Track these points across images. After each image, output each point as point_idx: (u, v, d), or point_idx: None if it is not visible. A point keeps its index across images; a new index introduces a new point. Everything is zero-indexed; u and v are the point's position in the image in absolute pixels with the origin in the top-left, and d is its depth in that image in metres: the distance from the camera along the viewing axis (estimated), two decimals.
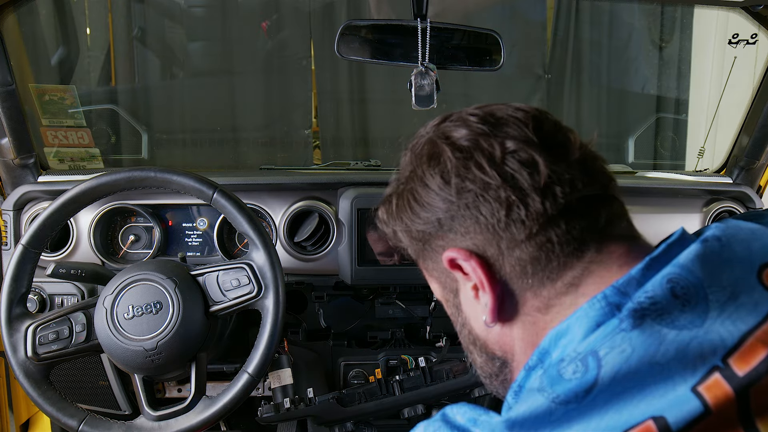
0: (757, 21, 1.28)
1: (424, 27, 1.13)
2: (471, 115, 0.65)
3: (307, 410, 1.26)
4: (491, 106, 0.66)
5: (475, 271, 0.62)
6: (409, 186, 0.66)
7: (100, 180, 1.11)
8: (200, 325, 1.09)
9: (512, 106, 0.66)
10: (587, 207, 0.60)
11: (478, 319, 0.66)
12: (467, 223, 0.62)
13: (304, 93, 2.92)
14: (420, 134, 0.69)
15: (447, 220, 0.63)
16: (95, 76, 2.85)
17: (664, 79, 2.99)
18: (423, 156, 0.66)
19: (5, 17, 1.27)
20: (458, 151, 0.62)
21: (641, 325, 0.52)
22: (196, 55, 2.98)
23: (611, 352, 0.51)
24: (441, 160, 0.63)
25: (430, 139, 0.66)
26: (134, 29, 2.84)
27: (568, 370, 0.52)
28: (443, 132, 0.65)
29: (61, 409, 1.08)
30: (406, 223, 0.67)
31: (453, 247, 0.64)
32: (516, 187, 0.59)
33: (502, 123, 0.63)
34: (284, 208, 1.38)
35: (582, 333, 0.55)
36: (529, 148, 0.61)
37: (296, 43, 2.87)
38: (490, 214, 0.60)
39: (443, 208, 0.63)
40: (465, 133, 0.63)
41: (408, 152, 0.69)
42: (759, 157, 1.45)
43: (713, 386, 0.48)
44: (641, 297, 0.54)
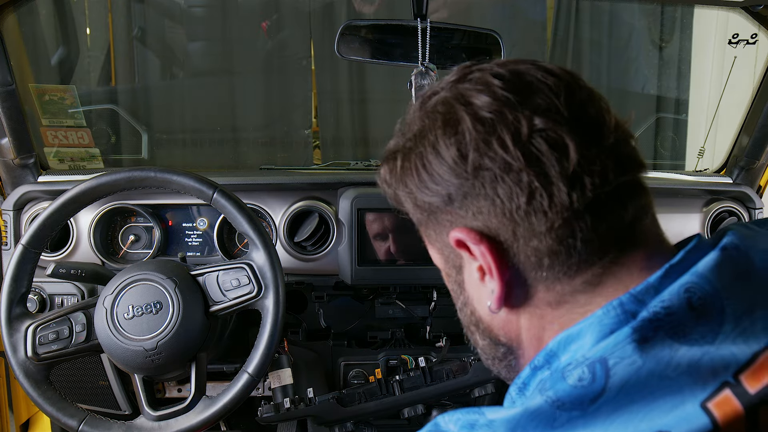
0: (757, 21, 1.28)
1: (424, 27, 1.14)
2: (495, 77, 0.57)
3: (307, 410, 1.26)
4: (518, 64, 0.59)
5: (485, 256, 0.57)
6: (418, 149, 0.59)
7: (100, 180, 1.11)
8: (200, 325, 1.09)
9: (542, 67, 0.59)
10: (616, 200, 0.55)
11: (481, 301, 0.62)
12: (481, 203, 0.56)
13: (304, 93, 2.92)
14: (434, 89, 0.61)
15: (459, 196, 0.57)
16: (95, 76, 2.85)
17: (664, 79, 2.99)
18: (437, 118, 0.58)
19: (5, 17, 1.27)
20: (480, 123, 0.55)
21: (654, 337, 0.49)
22: (196, 55, 2.98)
23: (621, 362, 0.49)
24: (459, 129, 0.56)
25: (446, 100, 0.58)
26: (134, 29, 2.84)
27: (573, 375, 0.50)
28: (463, 95, 0.57)
29: (61, 409, 1.08)
30: (412, 189, 0.61)
31: (462, 226, 0.58)
32: (541, 173, 0.53)
33: (530, 90, 0.56)
34: (284, 208, 1.38)
35: (593, 339, 0.52)
36: (560, 126, 0.54)
37: (296, 43, 2.87)
38: (508, 198, 0.54)
39: (456, 183, 0.56)
40: (488, 102, 0.55)
41: (418, 105, 0.62)
42: (759, 157, 1.45)
43: (723, 403, 0.47)
44: (657, 306, 0.51)
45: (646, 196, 0.58)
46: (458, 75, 0.60)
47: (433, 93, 0.61)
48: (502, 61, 0.60)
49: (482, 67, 0.59)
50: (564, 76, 0.58)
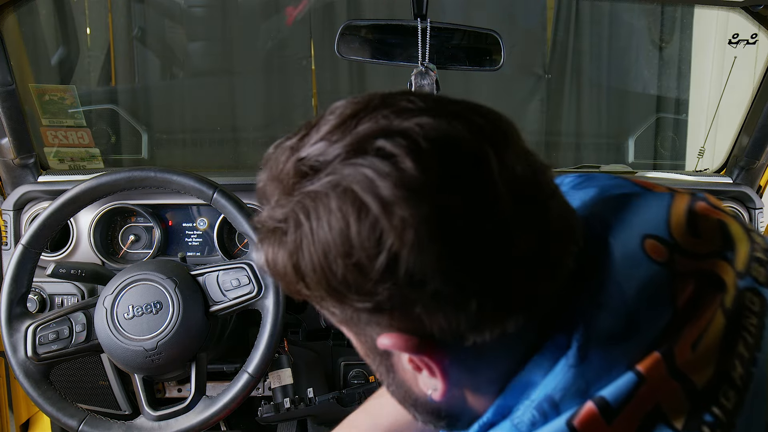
0: (757, 21, 1.28)
1: (424, 27, 1.13)
2: (409, 153, 0.43)
3: (307, 410, 1.26)
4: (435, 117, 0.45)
5: (425, 363, 0.49)
6: (312, 238, 0.44)
7: (100, 180, 1.11)
8: (200, 325, 1.09)
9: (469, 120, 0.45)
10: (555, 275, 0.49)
11: (419, 387, 0.54)
12: (418, 310, 0.45)
13: (304, 93, 2.92)
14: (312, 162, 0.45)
15: (387, 306, 0.45)
16: (95, 76, 2.85)
17: (664, 79, 2.99)
18: (332, 209, 0.43)
19: (5, 17, 1.27)
20: (404, 227, 0.42)
21: (587, 355, 0.48)
22: (196, 55, 2.98)
23: (567, 393, 0.48)
24: (378, 232, 0.42)
25: (344, 185, 0.43)
26: (134, 29, 2.84)
27: (524, 420, 0.49)
28: (368, 179, 0.43)
29: (61, 409, 1.08)
30: (318, 298, 0.47)
31: (395, 331, 0.47)
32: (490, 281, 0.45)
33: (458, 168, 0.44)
34: None
35: (539, 379, 0.50)
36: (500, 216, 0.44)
37: (296, 43, 2.87)
38: (453, 308, 0.45)
39: (385, 296, 0.44)
40: (406, 198, 0.42)
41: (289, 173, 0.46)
42: (759, 157, 1.45)
43: (648, 360, 0.48)
44: (580, 326, 0.50)
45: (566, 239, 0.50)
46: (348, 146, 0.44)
47: (313, 168, 0.45)
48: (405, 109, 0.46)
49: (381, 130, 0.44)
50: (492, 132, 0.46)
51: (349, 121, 0.46)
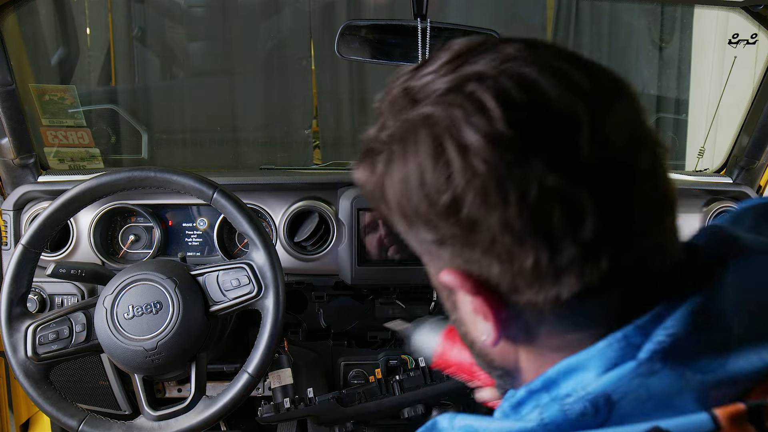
0: (757, 21, 1.28)
1: (424, 27, 1.13)
2: (498, 99, 0.43)
3: (307, 410, 1.26)
4: (532, 68, 0.45)
5: (479, 305, 0.49)
6: (403, 170, 0.47)
7: (100, 180, 1.11)
8: (200, 325, 1.09)
9: (567, 75, 0.45)
10: (636, 267, 0.47)
11: (476, 330, 0.55)
12: (478, 254, 0.47)
13: (304, 93, 2.92)
14: (417, 93, 0.48)
15: (450, 242, 0.48)
16: (95, 76, 2.85)
17: (664, 79, 2.99)
18: (424, 143, 0.46)
19: (5, 17, 1.27)
20: (475, 175, 0.44)
21: (662, 370, 0.45)
22: (196, 55, 2.98)
23: (625, 398, 0.45)
24: (452, 175, 0.45)
25: (433, 121, 0.46)
26: (134, 29, 2.84)
27: (574, 409, 0.46)
28: (453, 123, 0.44)
29: (61, 409, 1.08)
30: (396, 221, 0.51)
31: (453, 268, 0.49)
32: (549, 238, 0.44)
33: (543, 123, 0.43)
34: (284, 208, 1.38)
35: (596, 373, 0.47)
36: (577, 184, 0.43)
37: (296, 43, 2.87)
38: (509, 259, 0.45)
39: (449, 230, 0.46)
40: (483, 147, 0.43)
41: (401, 101, 0.49)
42: (759, 157, 1.45)
43: (730, 409, 0.44)
44: (661, 335, 0.46)
45: (673, 236, 0.50)
46: (448, 82, 0.46)
47: (416, 99, 0.48)
48: (510, 56, 0.46)
49: (480, 73, 0.45)
50: (587, 88, 0.45)
51: (457, 59, 0.47)
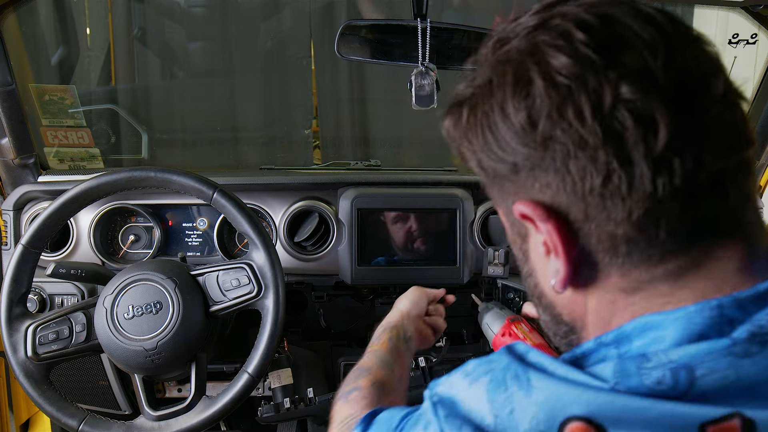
0: (757, 21, 1.28)
1: (424, 27, 1.13)
2: (579, 27, 0.47)
3: (307, 410, 1.26)
4: (612, 6, 0.49)
5: (551, 235, 0.50)
6: (485, 105, 0.51)
7: (100, 180, 1.11)
8: (200, 325, 1.09)
9: (642, 12, 0.49)
10: (713, 187, 0.47)
11: (546, 277, 0.55)
12: (551, 177, 0.49)
13: (304, 93, 2.92)
14: (507, 33, 0.52)
15: (526, 166, 0.50)
16: (95, 76, 2.85)
17: None
18: (507, 73, 0.50)
19: (5, 17, 1.27)
20: (554, 89, 0.47)
21: (759, 354, 0.43)
22: (196, 55, 2.98)
23: (711, 374, 0.43)
24: (530, 92, 0.48)
25: (519, 52, 0.50)
26: (134, 29, 2.84)
27: (651, 376, 0.44)
28: (540, 49, 0.49)
29: (61, 409, 1.08)
30: (476, 149, 0.53)
31: (528, 199, 0.51)
32: (622, 152, 0.45)
33: (621, 46, 0.47)
34: (284, 208, 1.38)
35: (677, 336, 0.46)
36: (651, 97, 0.45)
37: (296, 43, 2.87)
38: (581, 177, 0.47)
39: (524, 152, 0.49)
40: (567, 63, 0.47)
41: (490, 49, 0.53)
42: (759, 157, 1.45)
43: None
44: (763, 319, 0.45)
45: (751, 181, 0.50)
46: (537, 19, 0.51)
47: (506, 38, 0.52)
48: (595, 2, 0.50)
49: (566, 12, 0.49)
50: (667, 27, 0.48)
51: (546, 8, 0.51)
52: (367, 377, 0.89)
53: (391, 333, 1.02)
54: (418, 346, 1.08)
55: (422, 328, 1.09)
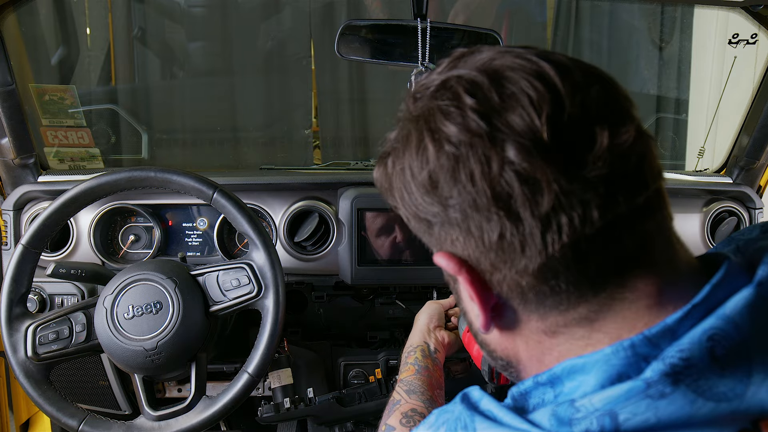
0: (757, 21, 1.28)
1: (424, 27, 1.13)
2: (469, 91, 0.50)
3: (307, 410, 1.26)
4: (504, 63, 0.51)
5: (465, 285, 0.53)
6: (401, 162, 0.54)
7: (100, 180, 1.11)
8: (200, 325, 1.09)
9: (532, 69, 0.50)
10: (610, 234, 0.48)
11: (474, 315, 0.58)
12: (456, 232, 0.52)
13: (304, 93, 2.92)
14: (422, 89, 0.55)
15: (437, 223, 0.53)
16: (95, 76, 2.85)
17: (664, 79, 2.99)
18: (412, 135, 0.53)
19: (5, 17, 1.27)
20: (445, 156, 0.50)
21: (672, 393, 0.44)
22: (196, 55, 2.98)
23: (633, 419, 0.45)
24: (427, 156, 0.51)
25: (421, 115, 0.53)
26: (134, 29, 2.84)
27: (581, 425, 0.46)
28: (434, 115, 0.51)
29: (61, 409, 1.08)
30: (398, 204, 0.57)
31: (444, 250, 0.54)
32: (511, 212, 0.48)
33: (508, 106, 0.48)
34: (284, 208, 1.38)
35: (599, 379, 0.48)
36: (534, 158, 0.47)
37: (296, 43, 2.87)
38: (479, 234, 0.50)
39: (432, 210, 0.52)
40: (455, 132, 0.49)
41: (410, 101, 0.55)
42: (759, 157, 1.45)
43: None
44: (674, 357, 0.45)
45: (659, 218, 0.51)
46: (439, 80, 0.53)
47: (419, 95, 0.55)
48: (488, 58, 0.52)
49: (461, 74, 0.52)
50: (555, 80, 0.49)
51: (451, 63, 0.54)
52: (396, 413, 0.96)
53: (416, 354, 1.09)
54: (448, 354, 1.15)
55: (444, 337, 1.14)
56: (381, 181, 0.59)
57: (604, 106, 0.50)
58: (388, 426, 0.94)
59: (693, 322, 0.47)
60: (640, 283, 0.50)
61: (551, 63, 0.50)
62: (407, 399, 0.98)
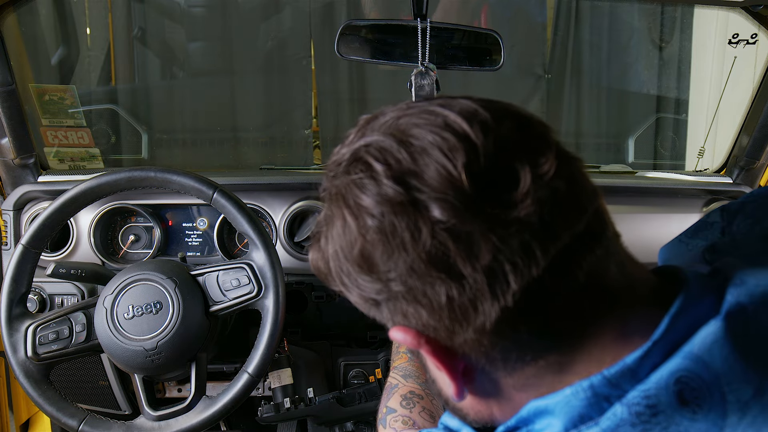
0: (757, 21, 1.28)
1: (424, 27, 1.13)
2: (379, 161, 0.47)
3: (307, 410, 1.26)
4: (407, 120, 0.48)
5: (429, 356, 0.50)
6: (332, 244, 0.52)
7: (100, 180, 1.11)
8: (200, 325, 1.09)
9: (434, 121, 0.47)
10: (558, 270, 0.45)
11: (445, 385, 0.55)
12: (405, 305, 0.48)
13: (304, 93, 2.92)
14: (336, 163, 0.51)
15: (382, 300, 0.50)
16: (95, 76, 2.85)
17: (664, 79, 2.99)
18: (335, 214, 0.50)
19: (5, 17, 1.27)
20: (372, 231, 0.47)
21: None
22: (196, 55, 2.97)
23: None
24: (353, 235, 0.48)
25: (338, 192, 0.50)
26: (134, 29, 2.83)
27: None
28: (351, 190, 0.48)
29: (61, 409, 1.08)
30: (340, 287, 0.53)
31: (398, 325, 0.50)
32: (451, 272, 0.45)
33: (421, 163, 0.46)
34: (284, 208, 1.38)
35: (564, 422, 0.46)
36: (460, 211, 0.44)
37: (296, 43, 2.87)
38: (427, 302, 0.47)
39: (374, 289, 0.49)
40: (374, 204, 0.46)
41: (327, 183, 0.52)
42: (759, 157, 1.45)
43: None
44: (639, 402, 0.43)
45: (602, 237, 0.48)
46: (349, 153, 0.50)
47: (334, 172, 0.51)
48: (392, 118, 0.50)
49: (369, 141, 0.49)
50: (462, 128, 0.46)
51: (359, 132, 0.51)
52: (395, 396, 0.94)
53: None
54: None
55: None
56: (319, 267, 0.55)
57: (520, 140, 0.47)
58: (389, 408, 0.93)
59: (655, 360, 0.45)
60: (600, 316, 0.47)
61: (455, 110, 0.48)
62: (404, 382, 0.97)
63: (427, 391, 0.96)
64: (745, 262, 0.51)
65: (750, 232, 0.60)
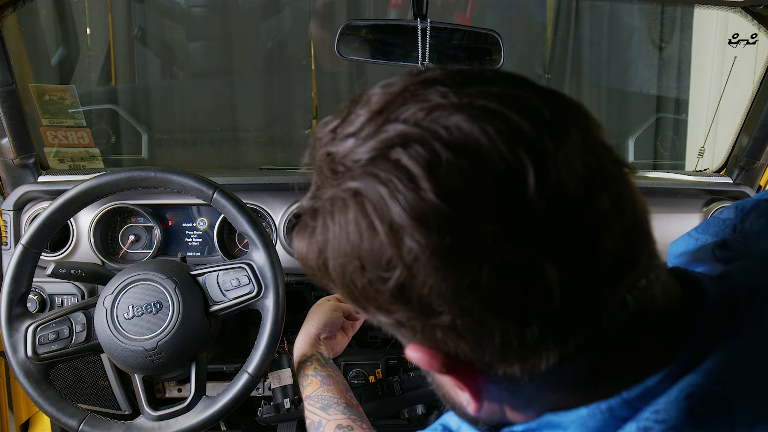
0: (757, 21, 1.28)
1: (424, 27, 1.13)
2: (428, 168, 0.38)
3: None
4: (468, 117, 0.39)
5: (452, 381, 0.46)
6: (336, 245, 0.43)
7: (100, 180, 1.11)
8: (200, 325, 1.09)
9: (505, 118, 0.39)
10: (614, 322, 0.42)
11: (458, 397, 0.52)
12: (440, 335, 0.42)
13: (304, 93, 2.92)
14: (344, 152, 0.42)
15: (410, 324, 0.43)
16: (95, 76, 2.85)
17: (664, 79, 2.99)
18: (351, 221, 0.41)
19: (5, 17, 1.27)
20: (413, 258, 0.38)
21: None
22: (196, 55, 2.98)
23: None
24: (388, 257, 0.39)
25: (360, 200, 0.40)
26: (134, 29, 2.84)
27: None
28: (382, 199, 0.39)
29: (61, 409, 1.08)
30: (346, 294, 0.45)
31: (419, 345, 0.44)
32: (515, 319, 0.40)
33: (486, 189, 0.37)
34: (284, 208, 1.38)
35: None
36: (536, 251, 0.38)
37: (296, 43, 2.87)
38: (475, 339, 0.41)
39: (405, 314, 0.42)
40: (416, 227, 0.38)
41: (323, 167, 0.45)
42: (759, 157, 1.45)
43: None
44: (649, 419, 0.42)
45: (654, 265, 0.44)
46: (372, 151, 0.40)
47: (339, 168, 0.42)
48: (436, 105, 0.40)
49: (407, 135, 0.39)
50: (533, 132, 0.38)
51: (377, 117, 0.41)
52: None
53: (312, 365, 1.06)
54: (335, 356, 1.16)
55: (335, 346, 1.16)
56: (308, 260, 0.45)
57: (593, 161, 0.41)
58: None
59: (672, 380, 0.44)
60: (629, 339, 0.44)
61: (523, 110, 0.39)
62: (326, 416, 0.92)
63: (354, 417, 0.92)
64: (757, 263, 0.50)
65: (763, 231, 0.58)
